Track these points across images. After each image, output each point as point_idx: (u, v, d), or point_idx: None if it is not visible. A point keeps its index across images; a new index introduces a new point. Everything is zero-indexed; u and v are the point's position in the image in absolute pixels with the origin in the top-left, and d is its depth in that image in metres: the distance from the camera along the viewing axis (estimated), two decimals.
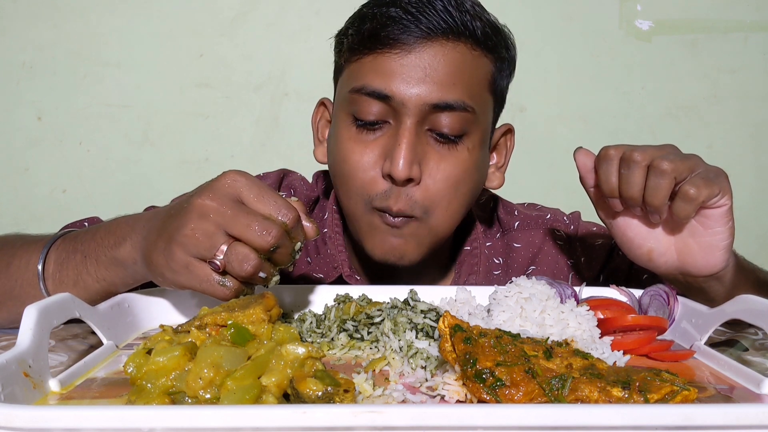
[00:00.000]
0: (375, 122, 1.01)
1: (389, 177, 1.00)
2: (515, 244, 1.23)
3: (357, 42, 1.03)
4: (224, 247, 0.73)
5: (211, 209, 0.73)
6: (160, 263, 0.77)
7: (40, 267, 0.88)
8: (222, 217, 0.73)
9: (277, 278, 0.77)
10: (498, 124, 1.15)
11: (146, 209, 1.13)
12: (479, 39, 1.01)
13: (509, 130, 1.16)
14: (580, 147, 0.96)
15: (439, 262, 1.20)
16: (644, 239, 0.95)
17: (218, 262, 0.73)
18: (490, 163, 1.15)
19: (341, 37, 1.08)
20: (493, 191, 1.25)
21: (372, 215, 1.03)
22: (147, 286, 0.89)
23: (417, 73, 0.98)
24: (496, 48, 1.04)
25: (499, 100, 1.10)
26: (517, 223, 1.25)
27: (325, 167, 1.17)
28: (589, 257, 1.23)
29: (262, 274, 0.75)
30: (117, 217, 0.90)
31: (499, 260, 1.23)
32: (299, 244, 0.78)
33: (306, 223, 0.78)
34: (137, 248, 0.81)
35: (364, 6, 1.06)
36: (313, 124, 1.18)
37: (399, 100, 0.98)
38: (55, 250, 0.90)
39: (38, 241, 0.92)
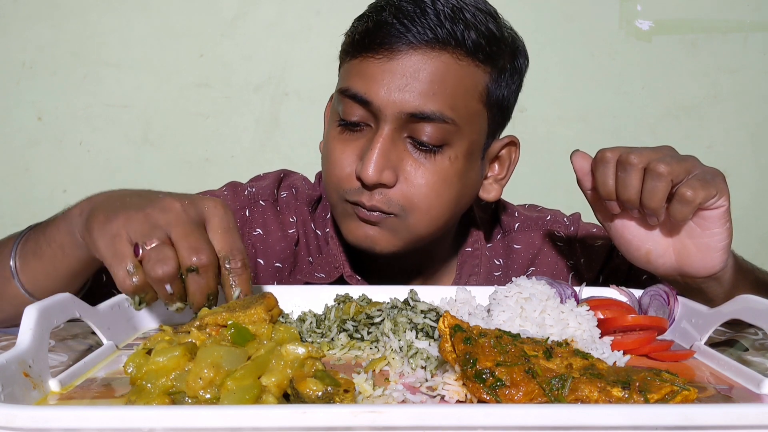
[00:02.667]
0: (357, 124, 1.02)
1: (360, 179, 1.00)
2: (515, 246, 1.23)
3: (349, 43, 1.04)
4: (156, 244, 0.72)
5: (174, 210, 0.74)
6: (98, 218, 0.76)
7: (12, 263, 0.89)
8: (177, 219, 0.73)
9: (180, 306, 0.75)
10: (503, 134, 1.13)
11: None
12: (468, 49, 0.99)
13: (513, 143, 1.13)
14: (577, 150, 0.96)
15: (440, 263, 1.20)
16: (642, 241, 0.95)
17: (141, 249, 0.72)
18: (489, 174, 1.13)
19: (344, 37, 1.09)
20: None
21: (345, 204, 1.05)
22: None
23: (397, 81, 0.97)
24: (491, 58, 1.02)
25: (496, 111, 1.07)
26: (517, 225, 1.25)
27: None
28: (588, 258, 1.23)
29: (169, 288, 0.72)
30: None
31: (499, 261, 1.23)
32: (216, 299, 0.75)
33: (236, 288, 0.76)
34: (86, 209, 0.80)
35: (367, 8, 1.06)
36: (325, 116, 1.19)
37: (377, 106, 0.98)
38: (25, 242, 0.91)
39: (16, 237, 0.94)
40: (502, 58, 1.04)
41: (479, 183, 1.12)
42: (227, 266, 0.75)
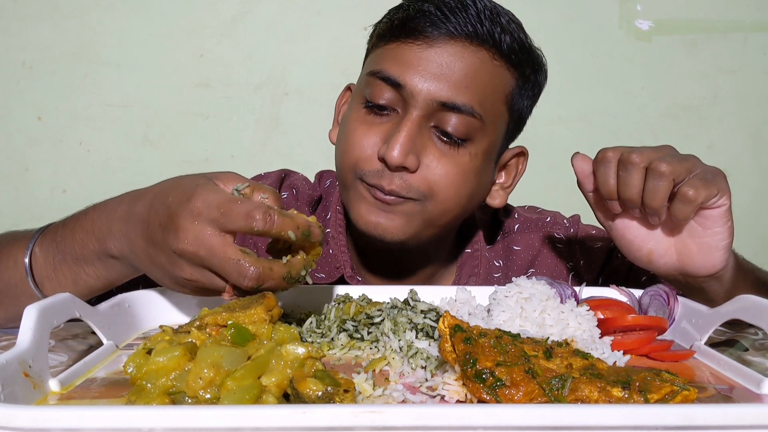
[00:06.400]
0: (384, 108, 1.02)
1: (383, 161, 1.00)
2: (515, 247, 1.23)
3: (386, 29, 1.06)
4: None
5: (197, 257, 0.71)
6: (179, 290, 0.77)
7: (27, 266, 0.87)
8: (209, 263, 0.71)
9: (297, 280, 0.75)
10: (513, 145, 1.14)
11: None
12: (503, 51, 1.01)
13: (522, 153, 1.15)
14: (578, 152, 0.96)
15: (440, 264, 1.20)
16: (644, 241, 0.95)
17: (228, 298, 0.73)
18: (497, 181, 1.14)
19: (375, 26, 1.10)
20: None
21: (359, 185, 1.04)
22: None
23: (433, 68, 0.99)
24: (520, 65, 1.04)
25: (515, 118, 1.09)
26: (517, 226, 1.25)
27: (330, 167, 1.17)
28: (588, 260, 1.23)
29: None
30: (87, 210, 0.87)
31: (499, 263, 1.23)
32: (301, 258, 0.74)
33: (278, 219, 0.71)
34: (124, 252, 0.80)
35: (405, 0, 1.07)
36: (337, 106, 1.19)
37: (409, 90, 0.99)
38: (41, 247, 0.88)
39: (23, 238, 0.91)
40: (528, 67, 1.06)
41: (489, 186, 1.12)
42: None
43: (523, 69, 1.05)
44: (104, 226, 0.82)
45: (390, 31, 1.04)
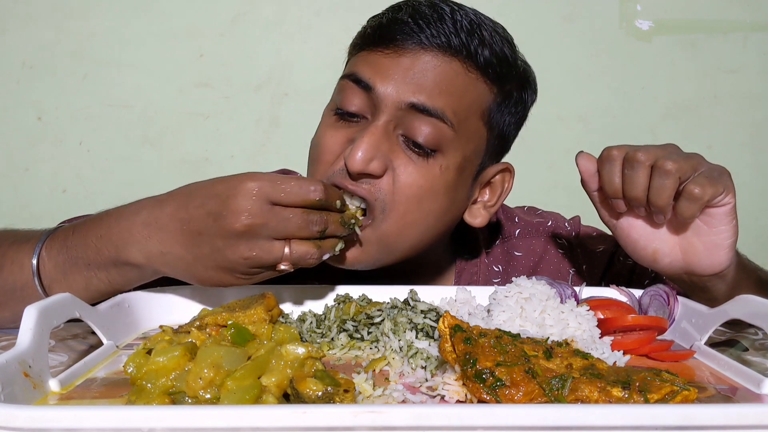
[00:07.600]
0: (354, 115, 0.99)
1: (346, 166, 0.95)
2: (516, 252, 1.22)
3: (360, 37, 1.04)
4: (286, 250, 0.79)
5: (256, 227, 0.77)
6: (222, 281, 0.81)
7: (34, 268, 0.87)
8: (271, 230, 0.78)
9: (341, 245, 0.86)
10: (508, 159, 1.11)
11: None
12: (479, 63, 0.97)
13: (507, 170, 1.08)
14: (582, 151, 0.95)
15: (435, 271, 1.18)
16: (649, 240, 0.95)
17: (285, 267, 0.80)
18: (480, 199, 1.08)
19: (353, 37, 1.09)
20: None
21: None
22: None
23: (403, 74, 0.96)
24: (500, 79, 1.00)
25: (496, 136, 1.04)
26: (518, 231, 1.23)
27: None
28: (590, 264, 1.22)
29: (326, 256, 0.83)
30: (101, 216, 0.87)
31: (498, 268, 1.21)
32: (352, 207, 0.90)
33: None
34: (151, 257, 0.82)
35: (386, 9, 1.05)
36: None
37: (379, 93, 0.95)
38: (49, 251, 0.87)
39: (28, 241, 0.90)
40: (510, 83, 1.02)
41: (465, 205, 1.07)
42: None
43: (504, 84, 1.01)
44: (123, 234, 0.83)
45: (363, 39, 1.02)
